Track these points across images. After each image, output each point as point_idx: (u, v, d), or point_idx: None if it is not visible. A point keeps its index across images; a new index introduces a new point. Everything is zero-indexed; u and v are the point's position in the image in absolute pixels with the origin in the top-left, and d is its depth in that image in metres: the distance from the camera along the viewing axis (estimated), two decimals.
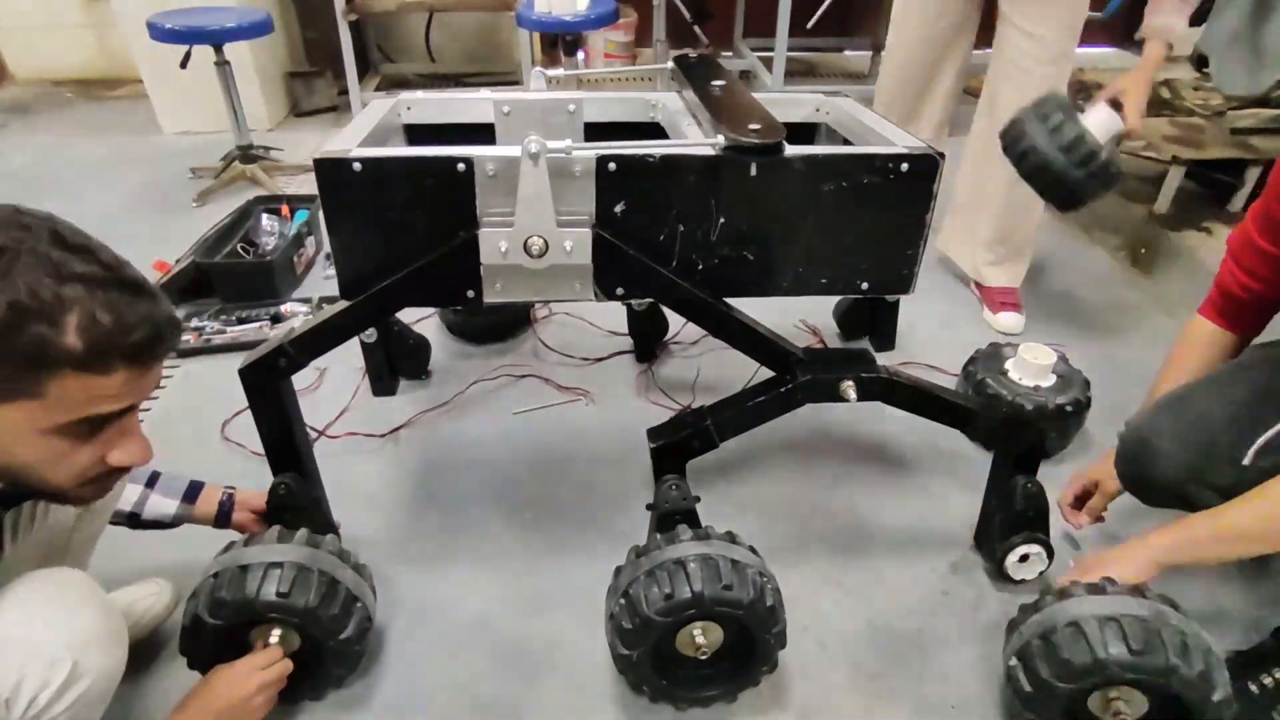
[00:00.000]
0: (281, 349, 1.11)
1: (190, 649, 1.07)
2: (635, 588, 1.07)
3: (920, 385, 1.27)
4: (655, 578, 1.06)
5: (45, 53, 4.14)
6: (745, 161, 1.04)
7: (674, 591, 1.03)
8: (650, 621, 1.04)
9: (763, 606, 1.06)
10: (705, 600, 1.03)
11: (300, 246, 2.30)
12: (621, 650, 1.09)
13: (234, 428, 1.71)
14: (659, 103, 1.38)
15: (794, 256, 1.13)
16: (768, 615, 1.07)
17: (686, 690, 1.16)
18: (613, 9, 2.98)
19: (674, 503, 1.18)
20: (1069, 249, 2.56)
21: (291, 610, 1.04)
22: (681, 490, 1.19)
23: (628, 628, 1.06)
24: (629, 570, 1.11)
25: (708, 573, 1.04)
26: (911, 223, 1.12)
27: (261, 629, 1.08)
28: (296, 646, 1.10)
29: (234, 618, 1.04)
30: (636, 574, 1.08)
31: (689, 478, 1.23)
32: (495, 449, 1.68)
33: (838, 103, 1.40)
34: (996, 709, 1.19)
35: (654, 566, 1.07)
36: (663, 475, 1.22)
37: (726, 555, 1.07)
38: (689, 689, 1.16)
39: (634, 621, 1.05)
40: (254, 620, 1.07)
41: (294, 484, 1.18)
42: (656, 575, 1.06)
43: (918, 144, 1.11)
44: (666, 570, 1.05)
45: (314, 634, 1.08)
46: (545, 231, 1.02)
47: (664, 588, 1.04)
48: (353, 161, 1.00)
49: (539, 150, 0.96)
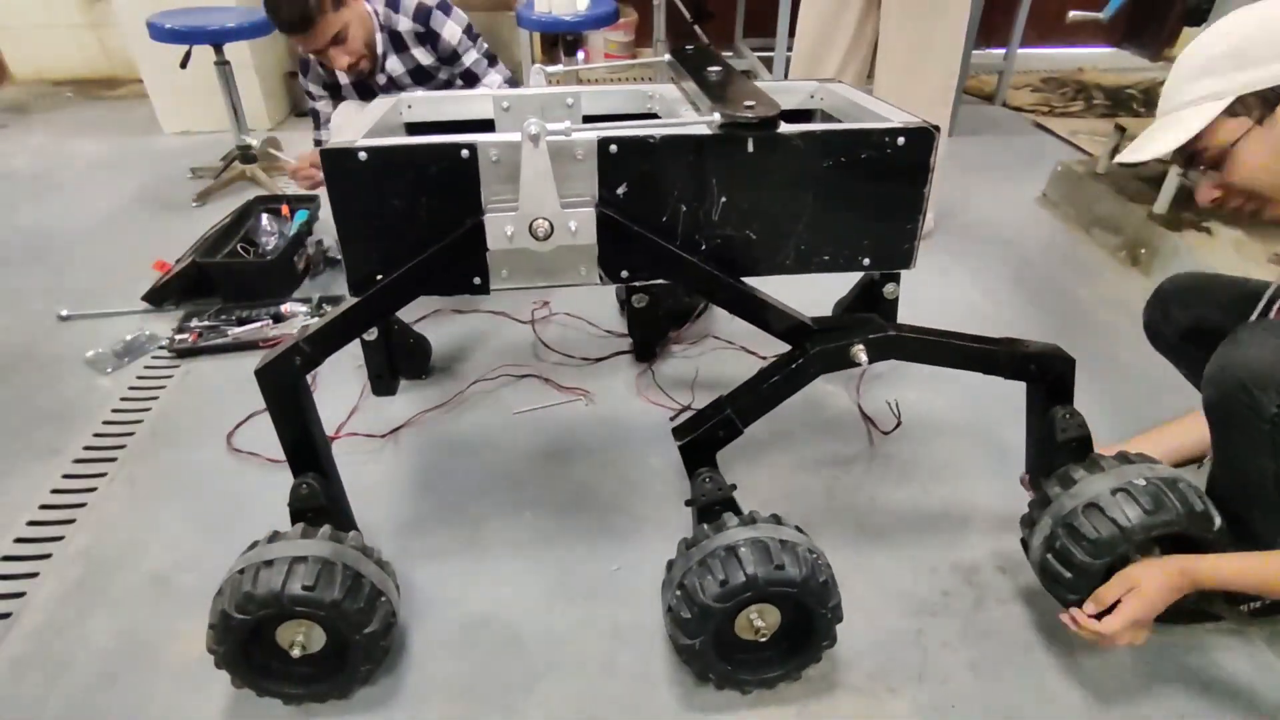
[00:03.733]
0: (297, 347, 1.11)
1: (218, 646, 1.07)
2: (689, 578, 1.08)
3: (932, 334, 1.25)
4: (708, 566, 1.07)
5: (45, 53, 4.14)
6: (742, 138, 1.05)
7: (728, 577, 1.05)
8: (708, 609, 1.06)
9: (816, 583, 1.07)
10: (760, 582, 1.04)
11: (300, 246, 2.30)
12: (684, 640, 1.10)
13: (239, 437, 1.71)
14: (656, 94, 1.39)
15: (795, 234, 1.14)
16: (822, 591, 1.08)
17: (750, 673, 1.17)
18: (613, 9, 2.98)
19: (711, 494, 1.19)
20: (1068, 248, 2.56)
21: (318, 604, 1.05)
22: (716, 481, 1.20)
23: (686, 617, 1.07)
24: (680, 562, 1.12)
25: (759, 555, 1.05)
26: (909, 197, 1.13)
27: (288, 626, 1.09)
28: (322, 645, 1.11)
29: (261, 613, 1.04)
30: (689, 565, 1.09)
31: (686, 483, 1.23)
32: (495, 449, 1.68)
33: (832, 88, 1.41)
34: (995, 709, 1.19)
35: (705, 556, 1.08)
36: (695, 470, 1.23)
37: (775, 536, 1.08)
38: (752, 671, 1.17)
39: (692, 611, 1.07)
40: (281, 616, 1.07)
41: (316, 483, 1.18)
42: (709, 563, 1.07)
43: (913, 119, 1.12)
44: (718, 557, 1.07)
45: (340, 628, 1.09)
46: (550, 213, 1.03)
47: (718, 574, 1.05)
48: (358, 151, 1.01)
49: (539, 132, 0.96)
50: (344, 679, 1.15)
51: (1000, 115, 3.80)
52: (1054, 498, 1.17)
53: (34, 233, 2.58)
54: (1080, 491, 1.14)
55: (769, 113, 1.05)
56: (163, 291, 2.13)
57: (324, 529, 1.12)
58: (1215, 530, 1.11)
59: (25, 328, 2.08)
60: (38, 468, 1.62)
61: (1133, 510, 1.09)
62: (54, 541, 1.45)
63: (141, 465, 1.63)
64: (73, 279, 2.31)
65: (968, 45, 2.20)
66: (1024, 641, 1.28)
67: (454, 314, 2.14)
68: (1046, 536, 1.16)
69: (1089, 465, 1.17)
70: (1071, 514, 1.13)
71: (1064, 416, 1.23)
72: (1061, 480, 1.17)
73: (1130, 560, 1.12)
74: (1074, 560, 1.12)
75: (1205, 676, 1.22)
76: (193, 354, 1.97)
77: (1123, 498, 1.10)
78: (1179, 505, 1.09)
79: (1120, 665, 1.24)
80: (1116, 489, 1.11)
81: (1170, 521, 1.09)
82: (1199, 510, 1.09)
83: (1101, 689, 1.21)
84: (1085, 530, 1.11)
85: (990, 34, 4.07)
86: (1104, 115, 3.69)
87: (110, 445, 1.68)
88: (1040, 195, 2.93)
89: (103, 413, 1.78)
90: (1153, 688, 1.21)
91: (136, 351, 1.97)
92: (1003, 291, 2.30)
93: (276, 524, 1.16)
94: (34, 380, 1.88)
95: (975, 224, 2.69)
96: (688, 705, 1.18)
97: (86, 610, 1.32)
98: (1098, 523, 1.10)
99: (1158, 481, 1.11)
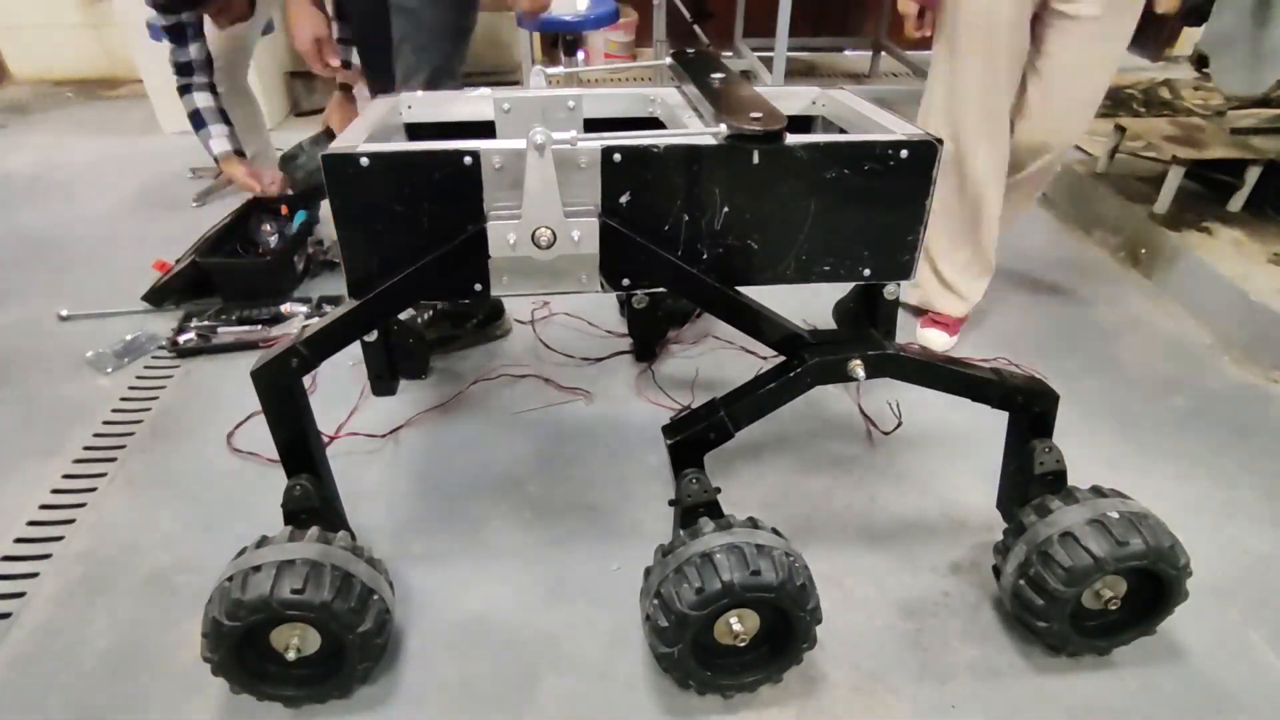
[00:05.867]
0: (294, 349, 1.11)
1: (213, 654, 1.07)
2: (666, 586, 1.08)
3: (928, 359, 1.27)
4: (684, 574, 1.07)
5: (45, 53, 4.14)
6: (748, 150, 1.05)
7: (704, 584, 1.05)
8: (685, 617, 1.06)
9: (793, 586, 1.07)
10: (736, 588, 1.04)
11: (300, 246, 2.30)
12: (662, 649, 1.10)
13: (239, 437, 1.71)
14: (658, 98, 1.39)
15: (797, 244, 1.14)
16: (799, 594, 1.08)
17: (731, 678, 1.17)
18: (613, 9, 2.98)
19: (696, 496, 1.19)
20: (1069, 248, 2.56)
21: (308, 606, 1.04)
22: (702, 483, 1.20)
23: (664, 626, 1.07)
24: (658, 570, 1.12)
25: (735, 561, 1.05)
26: (911, 209, 1.13)
27: (282, 629, 1.09)
28: (318, 646, 1.11)
29: (251, 619, 1.04)
30: (665, 573, 1.09)
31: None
32: (495, 449, 1.68)
33: (834, 95, 1.41)
34: (996, 709, 1.19)
35: (681, 563, 1.08)
36: (682, 470, 1.22)
37: (751, 541, 1.08)
38: (733, 677, 1.17)
39: (670, 619, 1.07)
40: (273, 620, 1.07)
41: (309, 485, 1.18)
42: (685, 571, 1.07)
43: (916, 131, 1.12)
44: (694, 564, 1.07)
45: (333, 629, 1.08)
46: (553, 222, 1.03)
47: (694, 582, 1.05)
48: (360, 156, 1.00)
49: (544, 141, 0.97)
50: (342, 678, 1.15)
51: None
52: (1029, 525, 1.19)
53: (34, 233, 2.58)
54: (1056, 520, 1.16)
55: (775, 126, 1.05)
56: (163, 291, 2.13)
57: (311, 530, 1.12)
58: (1181, 566, 1.14)
59: (25, 328, 2.08)
60: (38, 468, 1.62)
61: (1105, 542, 1.11)
62: (54, 541, 1.45)
63: (141, 465, 1.63)
64: (73, 279, 2.31)
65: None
66: (1023, 641, 1.28)
67: None
68: (1021, 563, 1.18)
69: (1064, 496, 1.19)
70: (1047, 542, 1.15)
71: (1043, 450, 1.26)
72: (1038, 509, 1.20)
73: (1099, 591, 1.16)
74: (1047, 587, 1.14)
75: (1205, 677, 1.23)
76: (193, 354, 1.97)
77: (1097, 529, 1.13)
78: (1149, 540, 1.11)
79: (1120, 665, 1.24)
80: (1091, 520, 1.14)
81: (1141, 554, 1.11)
82: (1167, 546, 1.13)
83: (1101, 689, 1.21)
84: (1059, 558, 1.13)
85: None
86: (1104, 115, 3.67)
87: (110, 445, 1.68)
88: (1040, 195, 2.92)
89: (103, 413, 1.78)
90: (1152, 688, 1.21)
91: (136, 351, 1.97)
92: (1002, 291, 2.30)
93: (276, 524, 1.16)
94: (34, 380, 1.88)
95: None
96: (688, 706, 1.18)
97: (86, 610, 1.32)
98: (1072, 551, 1.13)
99: (1130, 516, 1.14)
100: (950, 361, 1.29)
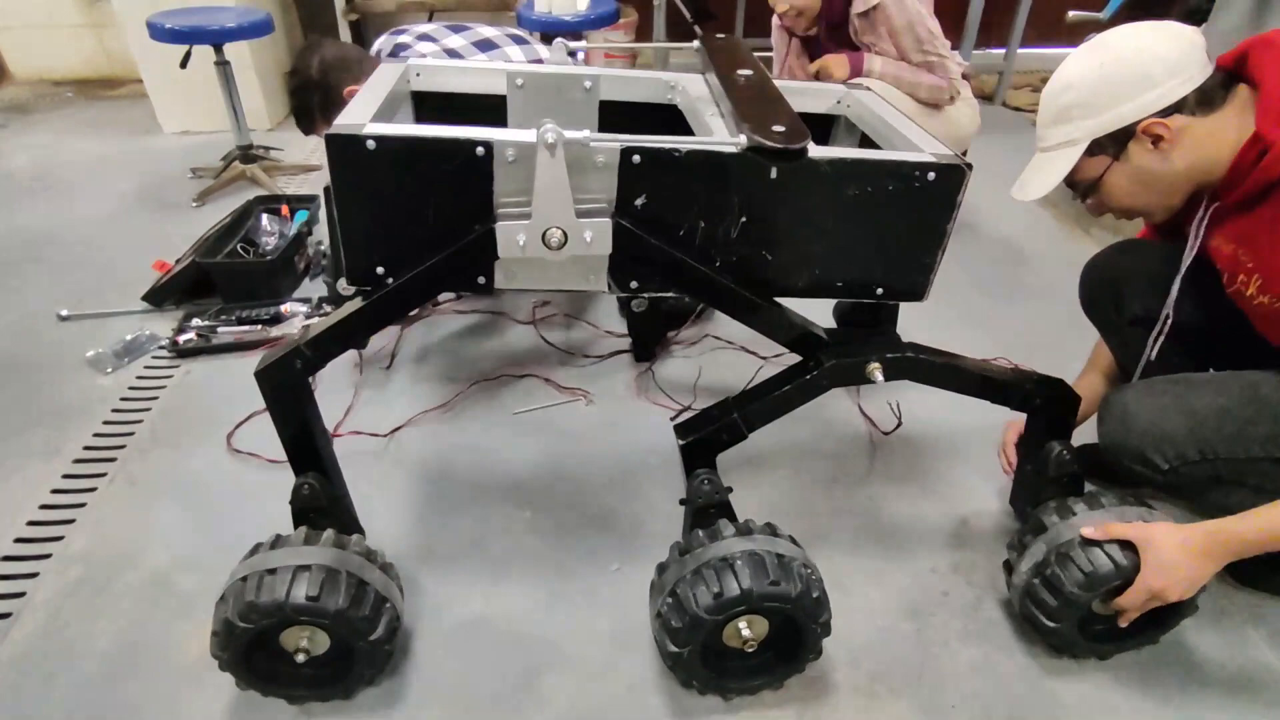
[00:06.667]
0: (298, 350, 1.09)
1: (222, 653, 1.07)
2: (682, 586, 1.07)
3: (947, 360, 1.24)
4: (702, 576, 1.06)
5: (45, 53, 4.14)
6: (767, 164, 1.03)
7: (723, 589, 1.04)
8: (700, 619, 1.05)
9: (809, 599, 1.07)
10: (754, 596, 1.04)
11: (301, 246, 2.30)
12: (670, 648, 1.09)
13: (239, 437, 1.71)
14: (678, 84, 1.34)
15: (812, 258, 1.11)
16: (815, 607, 1.08)
17: (734, 681, 1.17)
18: (613, 9, 2.98)
19: (707, 497, 1.18)
20: (1065, 247, 2.56)
21: (322, 613, 1.04)
22: (714, 484, 1.19)
23: (676, 626, 1.07)
24: (674, 569, 1.11)
25: (755, 569, 1.05)
26: (932, 231, 1.10)
27: (293, 630, 1.08)
28: (327, 649, 1.11)
29: (264, 622, 1.04)
30: (683, 573, 1.08)
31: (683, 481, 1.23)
32: (495, 449, 1.68)
33: (860, 96, 1.36)
34: (996, 709, 1.19)
35: (700, 565, 1.07)
36: (693, 470, 1.22)
37: (771, 550, 1.07)
38: (737, 679, 1.17)
39: (683, 620, 1.06)
40: (285, 624, 1.07)
41: (317, 483, 1.17)
42: (703, 573, 1.06)
43: (946, 152, 1.08)
44: (713, 568, 1.06)
45: (344, 635, 1.08)
46: (565, 223, 0.99)
47: (712, 586, 1.05)
48: (366, 139, 0.96)
49: (556, 140, 0.92)
50: (348, 681, 1.15)
51: (1000, 115, 3.79)
52: (1050, 526, 1.17)
53: (34, 233, 2.57)
54: (1079, 523, 1.14)
55: (797, 142, 1.00)
56: (163, 291, 2.13)
57: (327, 533, 1.11)
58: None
59: (25, 328, 2.08)
60: (38, 468, 1.62)
61: (1130, 552, 1.10)
62: (54, 541, 1.45)
63: (141, 465, 1.63)
64: (73, 279, 2.31)
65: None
66: (1024, 641, 1.28)
67: (454, 314, 2.14)
68: (1038, 562, 1.17)
69: (1089, 500, 1.18)
70: (1068, 544, 1.14)
71: (1060, 452, 1.25)
72: (1059, 510, 1.18)
73: (1106, 603, 1.16)
74: (1063, 589, 1.13)
75: (1205, 677, 1.23)
76: (193, 354, 1.97)
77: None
78: None
79: (1120, 665, 1.24)
80: None
81: None
82: None
83: (1101, 689, 1.21)
84: (1080, 561, 1.12)
85: (990, 34, 4.07)
86: None
87: (110, 445, 1.68)
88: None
89: (103, 413, 1.78)
90: (1152, 688, 1.21)
91: (136, 351, 1.97)
92: (1002, 291, 2.30)
93: (276, 524, 1.16)
94: (34, 380, 1.88)
95: (974, 224, 2.69)
96: (687, 707, 1.18)
97: (86, 610, 1.32)
98: (1093, 557, 1.11)
99: None
100: (969, 362, 1.26)
